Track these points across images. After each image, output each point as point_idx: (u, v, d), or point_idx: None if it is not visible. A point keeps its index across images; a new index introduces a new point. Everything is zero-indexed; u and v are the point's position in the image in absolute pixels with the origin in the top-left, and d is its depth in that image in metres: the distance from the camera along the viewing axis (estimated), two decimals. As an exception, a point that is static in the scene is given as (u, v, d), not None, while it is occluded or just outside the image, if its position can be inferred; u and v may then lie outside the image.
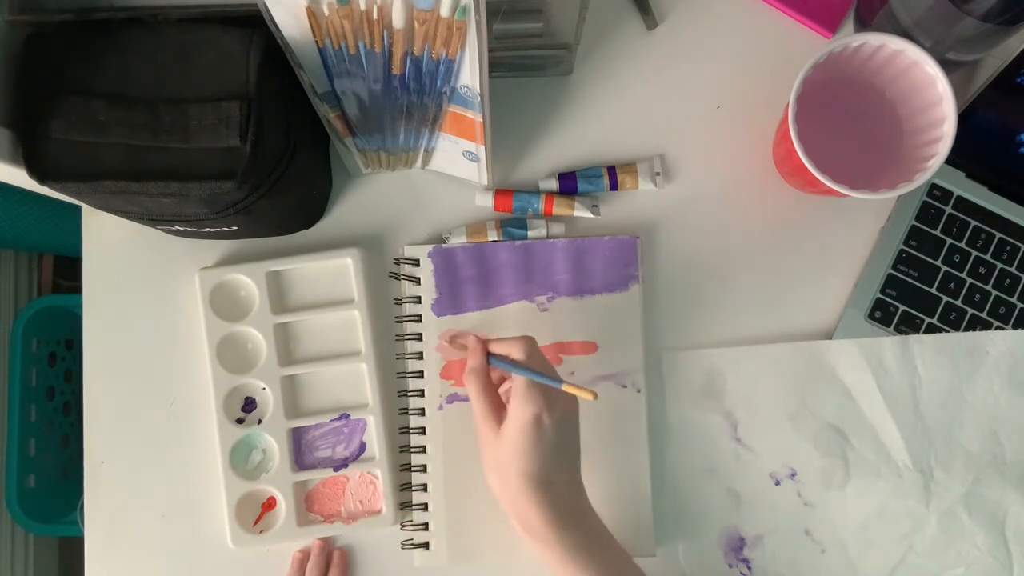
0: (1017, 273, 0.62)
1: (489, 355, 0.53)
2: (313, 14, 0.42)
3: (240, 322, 0.62)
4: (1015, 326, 0.62)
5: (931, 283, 0.62)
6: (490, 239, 0.62)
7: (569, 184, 0.62)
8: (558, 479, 0.49)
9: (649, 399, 0.61)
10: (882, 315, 0.62)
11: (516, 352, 0.51)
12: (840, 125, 0.62)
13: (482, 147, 0.54)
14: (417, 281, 0.62)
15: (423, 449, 0.61)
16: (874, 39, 0.54)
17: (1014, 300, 0.62)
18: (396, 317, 0.63)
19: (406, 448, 0.62)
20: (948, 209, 0.62)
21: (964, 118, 0.57)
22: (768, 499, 0.61)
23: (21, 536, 1.12)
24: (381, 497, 0.61)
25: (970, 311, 0.62)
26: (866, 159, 0.60)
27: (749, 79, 0.64)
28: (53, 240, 1.11)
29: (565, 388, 0.49)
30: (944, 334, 0.61)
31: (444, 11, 0.42)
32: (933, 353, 0.61)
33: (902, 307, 0.62)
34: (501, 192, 0.63)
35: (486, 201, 0.63)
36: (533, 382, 0.49)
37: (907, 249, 0.62)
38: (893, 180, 0.55)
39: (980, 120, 0.61)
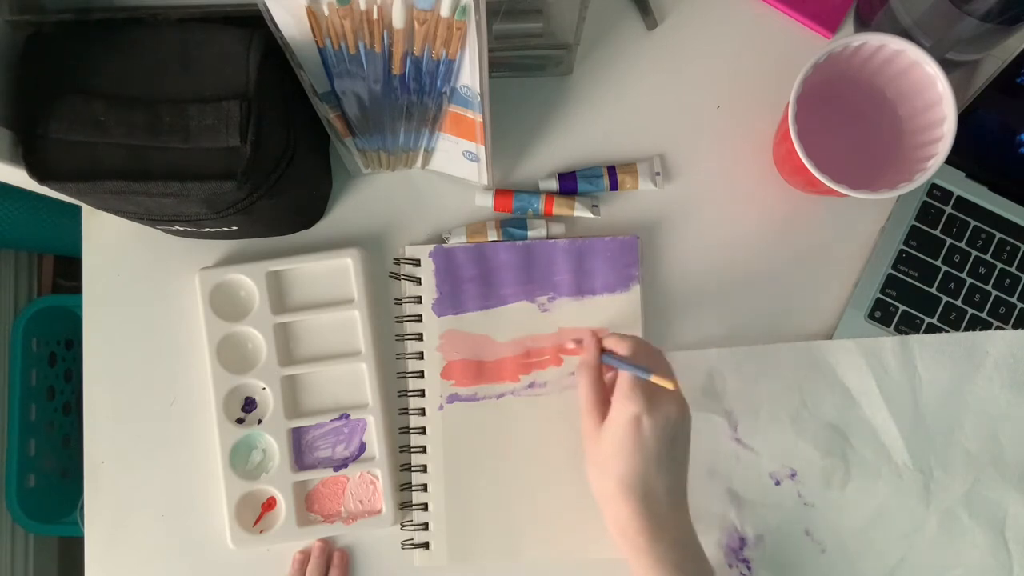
0: (1017, 273, 0.62)
1: (602, 352, 0.53)
2: (313, 14, 0.42)
3: (240, 322, 0.62)
4: (1015, 326, 0.62)
5: (931, 283, 0.62)
6: (490, 239, 0.62)
7: (569, 184, 0.62)
8: (657, 487, 0.49)
9: (649, 399, 0.61)
10: (882, 315, 0.62)
11: (623, 348, 0.51)
12: (840, 125, 0.62)
13: (482, 147, 0.54)
14: (418, 281, 0.62)
15: (423, 449, 0.61)
16: (874, 39, 0.54)
17: (1014, 300, 0.62)
18: (396, 317, 0.63)
19: (406, 448, 0.62)
20: (948, 209, 0.62)
21: (964, 118, 0.57)
22: (768, 499, 0.61)
23: (21, 536, 1.12)
24: (381, 497, 0.61)
25: (970, 311, 0.62)
26: (866, 159, 0.60)
27: (749, 79, 0.64)
28: (53, 240, 1.11)
29: (652, 379, 0.48)
30: (944, 334, 0.61)
31: (444, 11, 0.42)
32: (933, 353, 0.61)
33: (902, 307, 0.62)
34: (501, 192, 0.63)
35: (486, 201, 0.63)
36: (637, 382, 0.49)
37: (907, 249, 0.62)
38: (893, 180, 0.55)
39: (980, 120, 0.61)
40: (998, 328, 0.62)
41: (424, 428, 0.62)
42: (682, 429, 0.51)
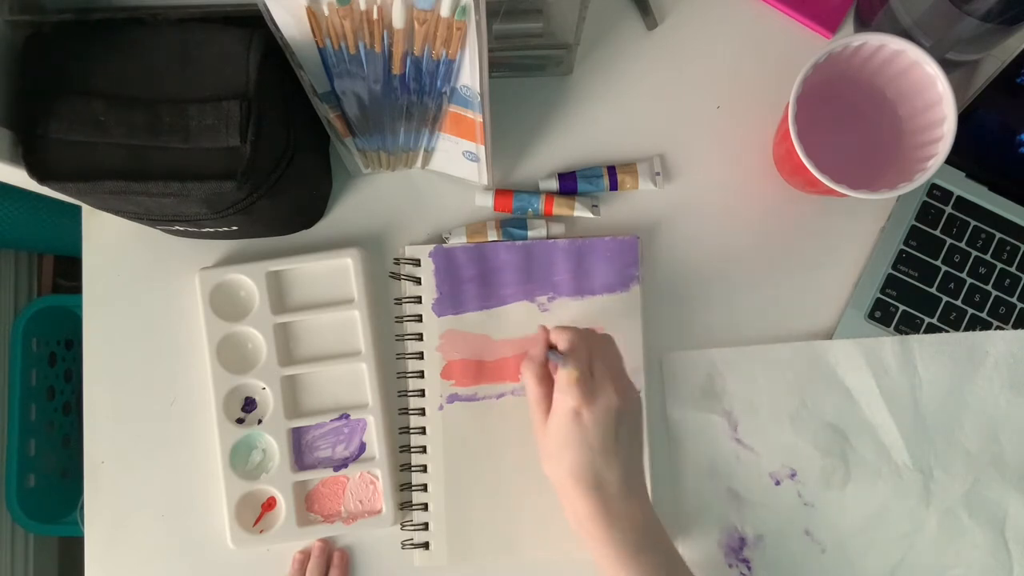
0: (1017, 273, 0.62)
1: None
2: (313, 14, 0.42)
3: (240, 322, 0.62)
4: (1015, 326, 0.62)
5: (931, 283, 0.62)
6: (490, 239, 0.62)
7: (569, 184, 0.62)
8: (608, 477, 0.49)
9: (649, 399, 0.61)
10: (882, 315, 0.62)
11: (561, 342, 0.51)
12: (840, 125, 0.62)
13: (482, 147, 0.54)
14: (418, 281, 0.62)
15: (423, 449, 0.61)
16: (874, 39, 0.54)
17: (1014, 300, 0.62)
18: (396, 317, 0.63)
19: (406, 448, 0.62)
20: (948, 209, 0.62)
21: (964, 118, 0.57)
22: (768, 499, 0.61)
23: (21, 536, 1.12)
24: (381, 497, 0.61)
25: (970, 311, 0.62)
26: (866, 159, 0.60)
27: (749, 79, 0.64)
28: (53, 240, 1.11)
29: (558, 374, 0.49)
30: (944, 334, 0.61)
31: (444, 11, 0.42)
32: (933, 353, 0.61)
33: (902, 307, 0.62)
34: (501, 192, 0.63)
35: (486, 201, 0.63)
36: (574, 376, 0.49)
37: (907, 249, 0.62)
38: (893, 180, 0.55)
39: (980, 120, 0.61)
40: (998, 328, 0.62)
41: (424, 428, 0.62)
42: (627, 417, 0.51)
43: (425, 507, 0.61)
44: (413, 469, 0.61)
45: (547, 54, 0.60)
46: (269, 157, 0.49)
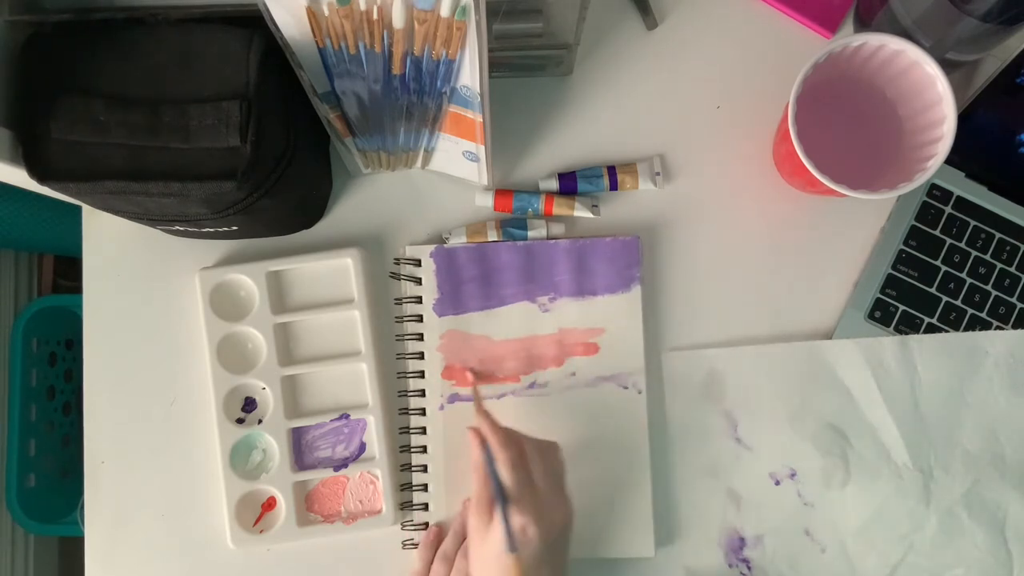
0: (1017, 273, 0.62)
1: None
2: (313, 14, 0.42)
3: (240, 322, 0.62)
4: (1015, 326, 0.62)
5: (931, 283, 0.62)
6: (490, 239, 0.62)
7: (569, 184, 0.62)
8: None
9: (650, 400, 0.61)
10: (882, 315, 0.62)
11: (503, 467, 0.50)
12: (840, 125, 0.62)
13: (482, 147, 0.54)
14: (418, 281, 0.62)
15: (424, 449, 0.61)
16: (874, 39, 0.54)
17: (1014, 300, 0.62)
18: (396, 317, 0.63)
19: (406, 448, 0.62)
20: (948, 209, 0.62)
21: (964, 118, 0.57)
22: (768, 499, 0.61)
23: (21, 536, 1.12)
24: (381, 497, 0.61)
25: (970, 311, 0.62)
26: (866, 159, 0.60)
27: (749, 79, 0.64)
28: (53, 240, 1.11)
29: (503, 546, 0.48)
30: (944, 334, 0.61)
31: (444, 11, 0.42)
32: (933, 353, 0.61)
33: (902, 307, 0.62)
34: (501, 192, 0.63)
35: (486, 201, 0.63)
36: (523, 491, 0.49)
37: (907, 249, 0.62)
38: (893, 180, 0.55)
39: (980, 120, 0.61)
40: (998, 328, 0.62)
41: (424, 428, 0.62)
42: (566, 532, 0.52)
43: (425, 507, 0.61)
44: (413, 469, 0.61)
45: (547, 54, 0.60)
46: (269, 157, 0.49)
